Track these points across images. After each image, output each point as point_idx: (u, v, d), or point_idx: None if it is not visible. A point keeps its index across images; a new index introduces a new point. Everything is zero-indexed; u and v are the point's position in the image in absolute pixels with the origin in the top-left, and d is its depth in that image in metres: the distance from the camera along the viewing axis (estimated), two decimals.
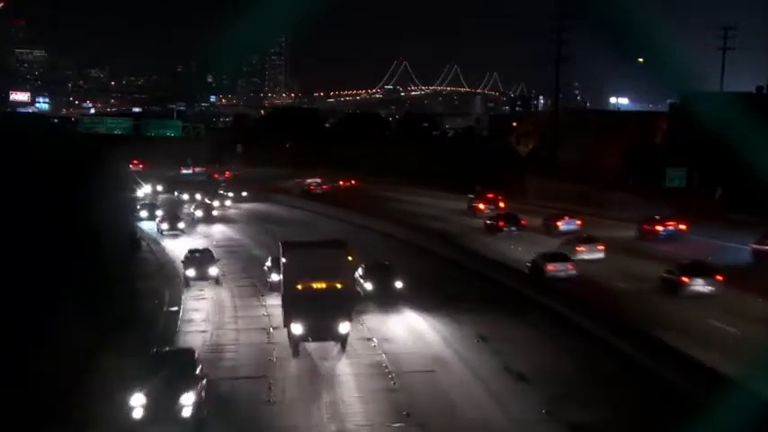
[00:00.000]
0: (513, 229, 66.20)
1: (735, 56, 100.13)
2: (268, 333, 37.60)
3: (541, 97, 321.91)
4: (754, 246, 50.48)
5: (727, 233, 57.52)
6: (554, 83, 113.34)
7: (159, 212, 77.65)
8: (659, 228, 61.37)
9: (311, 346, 33.81)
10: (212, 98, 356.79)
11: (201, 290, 47.27)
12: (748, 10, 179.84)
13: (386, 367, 31.96)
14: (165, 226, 71.25)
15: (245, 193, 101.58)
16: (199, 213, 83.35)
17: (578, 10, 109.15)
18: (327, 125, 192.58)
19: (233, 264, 55.99)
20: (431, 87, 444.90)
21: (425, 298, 43.14)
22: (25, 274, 28.43)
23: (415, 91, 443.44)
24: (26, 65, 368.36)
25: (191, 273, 47.78)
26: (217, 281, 48.42)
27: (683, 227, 61.16)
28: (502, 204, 79.82)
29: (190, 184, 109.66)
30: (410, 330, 38.06)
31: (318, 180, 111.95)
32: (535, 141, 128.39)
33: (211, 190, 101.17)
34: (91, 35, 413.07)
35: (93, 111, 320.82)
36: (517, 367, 30.87)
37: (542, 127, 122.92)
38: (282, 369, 31.92)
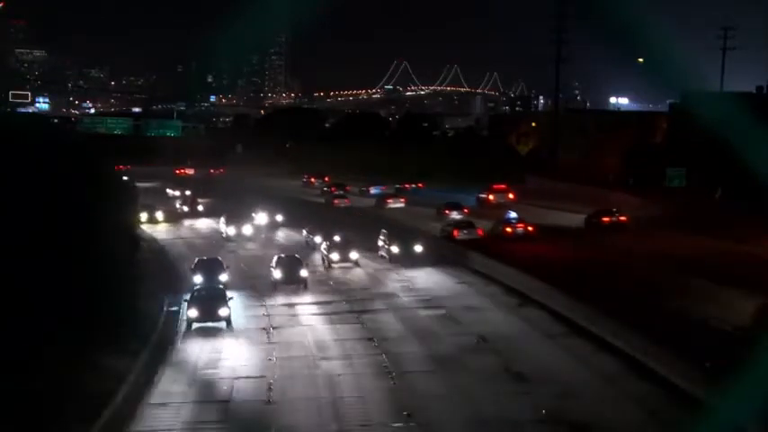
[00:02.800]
0: (341, 192, 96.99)
1: (735, 56, 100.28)
2: (268, 333, 37.60)
3: (541, 97, 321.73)
4: (478, 195, 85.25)
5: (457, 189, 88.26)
6: (554, 83, 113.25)
7: (224, 276, 47.01)
8: (407, 186, 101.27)
9: None
10: (212, 98, 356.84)
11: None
12: (748, 10, 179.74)
13: None
14: (193, 314, 38.64)
15: (419, 248, 54.91)
16: (278, 275, 47.66)
17: (578, 10, 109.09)
18: (327, 125, 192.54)
19: None
20: (431, 87, 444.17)
21: None
22: (23, 275, 28.41)
23: (414, 91, 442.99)
24: (26, 65, 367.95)
25: None
26: None
27: (420, 185, 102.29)
28: (327, 179, 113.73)
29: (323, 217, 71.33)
30: None
31: (189, 170, 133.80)
32: (535, 141, 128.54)
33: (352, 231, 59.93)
34: (91, 35, 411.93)
35: (93, 111, 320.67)
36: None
37: (542, 127, 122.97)
38: (282, 369, 31.93)
